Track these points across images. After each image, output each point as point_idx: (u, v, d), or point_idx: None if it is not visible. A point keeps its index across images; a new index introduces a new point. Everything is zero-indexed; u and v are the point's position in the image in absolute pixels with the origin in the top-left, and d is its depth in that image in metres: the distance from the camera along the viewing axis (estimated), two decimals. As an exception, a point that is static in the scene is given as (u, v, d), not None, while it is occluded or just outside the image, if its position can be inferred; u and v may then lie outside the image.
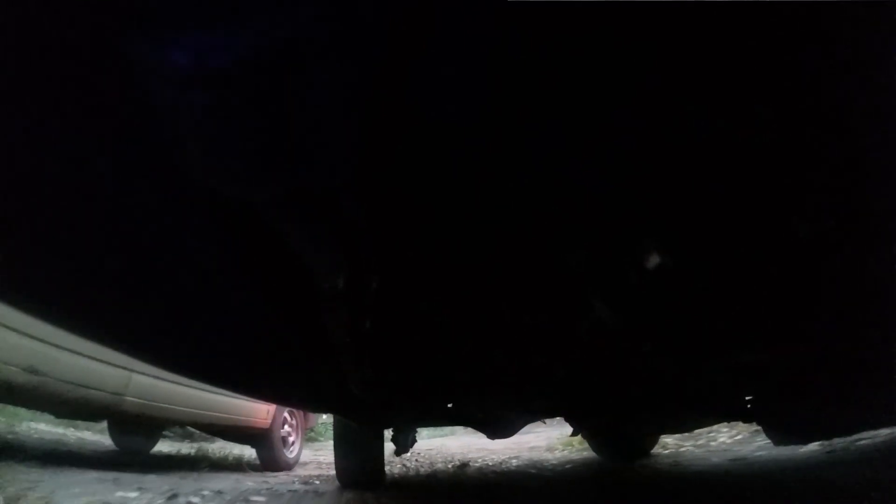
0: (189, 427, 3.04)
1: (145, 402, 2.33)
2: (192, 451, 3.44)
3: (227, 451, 3.50)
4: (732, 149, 0.59)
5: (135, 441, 3.16)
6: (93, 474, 2.03)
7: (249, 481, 2.50)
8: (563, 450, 3.07)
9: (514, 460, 3.04)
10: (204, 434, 3.41)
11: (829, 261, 0.73)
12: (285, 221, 0.67)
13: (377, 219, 0.67)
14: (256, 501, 1.98)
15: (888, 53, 0.50)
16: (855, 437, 1.80)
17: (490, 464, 2.88)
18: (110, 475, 2.08)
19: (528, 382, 1.20)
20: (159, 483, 2.12)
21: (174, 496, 1.87)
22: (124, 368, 2.15)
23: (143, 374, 2.25)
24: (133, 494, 1.83)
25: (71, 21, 0.43)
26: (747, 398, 1.39)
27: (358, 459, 2.24)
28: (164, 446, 3.62)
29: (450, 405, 1.54)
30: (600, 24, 0.46)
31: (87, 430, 3.90)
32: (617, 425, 2.06)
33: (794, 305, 0.82)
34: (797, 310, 0.83)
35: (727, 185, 0.63)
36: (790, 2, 0.44)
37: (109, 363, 2.09)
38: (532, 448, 3.52)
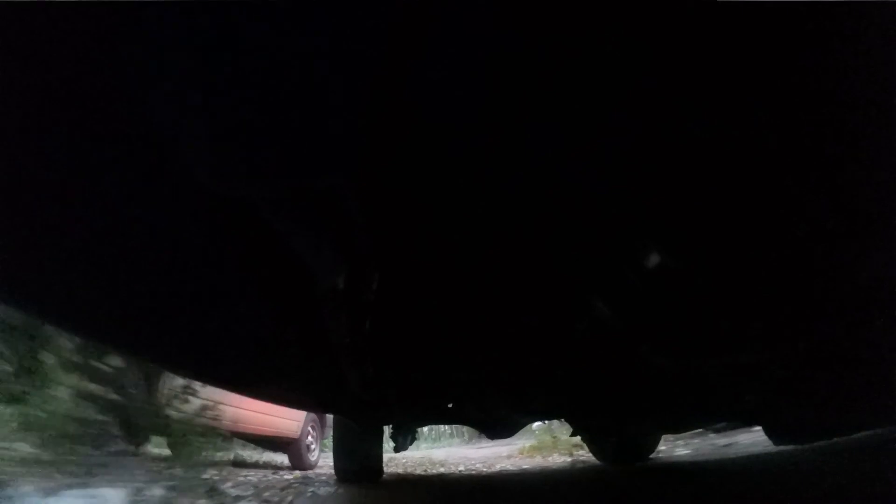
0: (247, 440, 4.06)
1: (244, 426, 3.38)
2: (232, 456, 4.21)
3: (256, 458, 4.38)
4: (731, 148, 0.59)
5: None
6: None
7: (295, 472, 3.44)
8: (517, 457, 3.82)
9: (478, 464, 3.72)
10: (230, 442, 4.37)
11: (829, 261, 0.73)
12: (285, 221, 0.67)
13: (377, 218, 0.67)
14: (314, 478, 2.75)
15: (888, 53, 0.50)
16: (855, 436, 1.81)
17: (461, 467, 3.60)
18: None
19: (527, 382, 1.20)
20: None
21: (276, 471, 2.94)
22: (236, 406, 3.13)
23: (243, 409, 3.26)
24: (252, 474, 2.72)
25: (71, 21, 0.43)
26: (747, 398, 1.39)
27: (357, 458, 2.24)
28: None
29: (450, 405, 1.54)
30: (599, 24, 0.46)
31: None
32: (616, 426, 2.06)
33: (793, 305, 0.82)
34: (797, 310, 0.83)
35: (726, 185, 0.63)
36: (789, 1, 0.44)
37: (227, 404, 3.00)
38: (499, 456, 4.25)
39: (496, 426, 1.88)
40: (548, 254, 0.76)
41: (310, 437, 4.37)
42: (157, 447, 2.16)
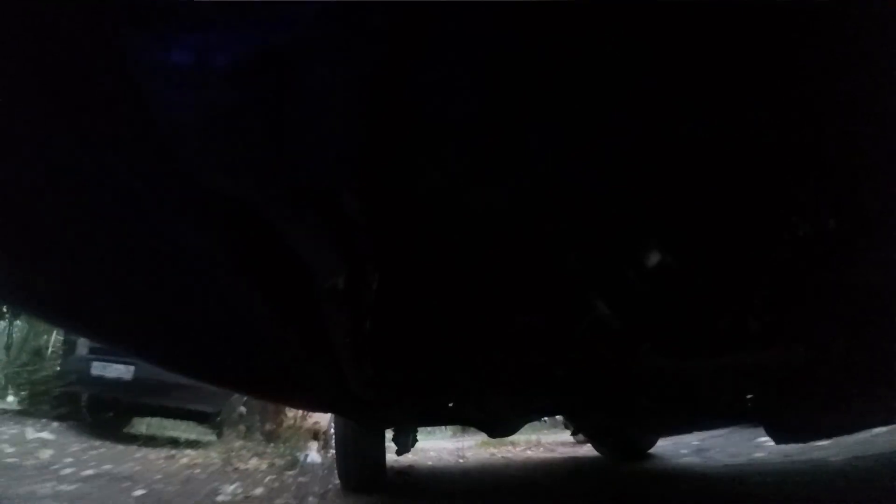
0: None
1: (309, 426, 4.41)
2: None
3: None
4: (732, 149, 0.59)
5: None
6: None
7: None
8: (474, 447, 4.69)
9: (445, 453, 4.41)
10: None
11: (829, 261, 0.73)
12: (285, 221, 0.67)
13: (377, 218, 0.67)
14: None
15: (888, 53, 0.50)
16: (856, 435, 1.81)
17: (433, 452, 4.27)
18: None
19: (527, 382, 1.20)
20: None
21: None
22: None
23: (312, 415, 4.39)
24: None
25: (72, 19, 0.43)
26: (748, 397, 1.39)
27: (359, 459, 2.24)
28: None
29: (450, 405, 1.54)
30: (598, 24, 0.46)
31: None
32: (617, 425, 2.06)
33: (794, 305, 0.82)
34: (798, 309, 0.83)
35: (727, 185, 0.63)
36: (789, 1, 0.44)
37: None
38: (464, 447, 5.08)
39: (497, 425, 1.87)
40: (548, 253, 0.76)
41: (331, 429, 5.63)
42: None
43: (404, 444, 2.24)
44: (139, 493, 2.16)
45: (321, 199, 0.63)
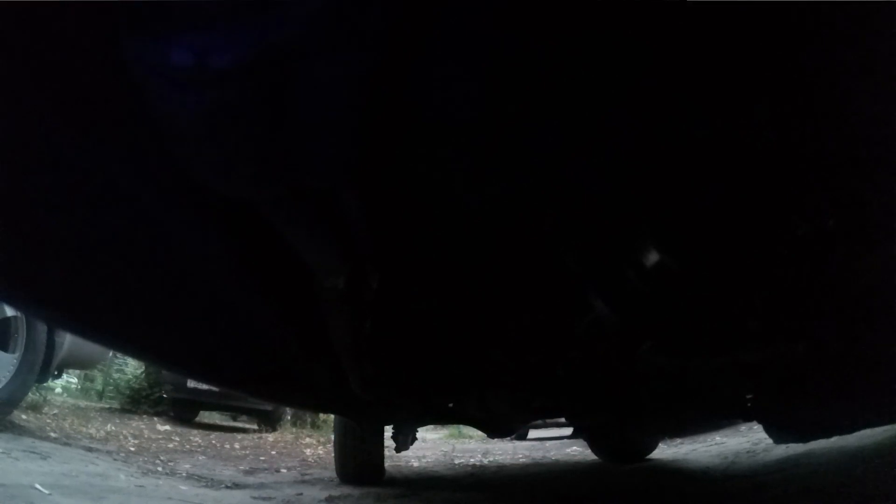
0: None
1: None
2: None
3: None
4: (731, 148, 0.59)
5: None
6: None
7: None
8: (442, 439, 5.44)
9: (420, 441, 4.78)
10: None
11: (829, 260, 0.73)
12: (285, 221, 0.67)
13: (377, 218, 0.67)
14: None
15: (888, 53, 0.50)
16: (856, 434, 1.81)
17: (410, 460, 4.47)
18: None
19: (527, 382, 1.20)
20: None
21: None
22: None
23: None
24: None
25: (70, 19, 0.43)
26: (748, 397, 1.39)
27: (359, 458, 2.25)
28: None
29: (450, 404, 1.54)
30: (598, 24, 0.46)
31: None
32: (616, 426, 2.06)
33: (794, 304, 0.82)
34: (797, 309, 0.83)
35: (726, 185, 0.63)
36: (789, 1, 0.44)
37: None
38: (435, 439, 5.82)
39: (497, 425, 1.88)
40: (548, 253, 0.76)
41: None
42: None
43: (403, 442, 2.24)
44: (275, 452, 3.60)
45: (322, 199, 0.63)
